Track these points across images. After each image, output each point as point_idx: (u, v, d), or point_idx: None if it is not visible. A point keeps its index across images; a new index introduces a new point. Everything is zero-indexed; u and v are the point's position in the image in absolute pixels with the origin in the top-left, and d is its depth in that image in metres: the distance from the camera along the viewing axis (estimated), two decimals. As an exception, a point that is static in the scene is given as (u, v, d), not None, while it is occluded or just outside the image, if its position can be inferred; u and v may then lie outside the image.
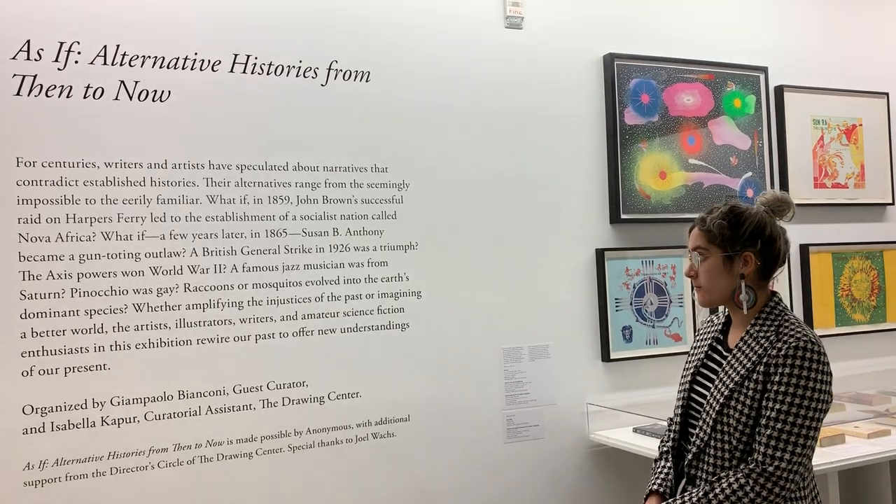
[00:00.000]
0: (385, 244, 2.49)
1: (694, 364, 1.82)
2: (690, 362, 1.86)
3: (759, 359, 1.63)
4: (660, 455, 1.88)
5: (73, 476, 2.08)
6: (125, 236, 2.16)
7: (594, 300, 2.80)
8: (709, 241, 1.73)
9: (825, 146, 3.27)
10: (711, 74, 3.01)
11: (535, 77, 2.74)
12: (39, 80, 2.09)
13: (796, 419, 1.56)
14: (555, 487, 2.70)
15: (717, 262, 1.72)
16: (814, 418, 1.57)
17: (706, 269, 1.74)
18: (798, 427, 1.56)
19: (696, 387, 1.79)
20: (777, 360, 1.60)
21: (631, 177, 2.84)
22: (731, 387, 1.65)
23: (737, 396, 1.63)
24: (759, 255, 1.70)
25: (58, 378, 2.08)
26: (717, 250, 1.72)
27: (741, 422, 1.62)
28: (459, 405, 2.56)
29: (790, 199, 1.75)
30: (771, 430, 1.57)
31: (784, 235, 1.75)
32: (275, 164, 2.35)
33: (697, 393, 1.78)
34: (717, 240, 1.72)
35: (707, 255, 1.73)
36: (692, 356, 1.87)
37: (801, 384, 1.57)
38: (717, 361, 1.76)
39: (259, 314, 2.30)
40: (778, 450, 1.56)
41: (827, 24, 3.34)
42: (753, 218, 1.71)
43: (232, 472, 2.25)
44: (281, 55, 2.37)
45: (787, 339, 1.61)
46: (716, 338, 1.81)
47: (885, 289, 3.35)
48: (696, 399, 1.78)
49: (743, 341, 1.70)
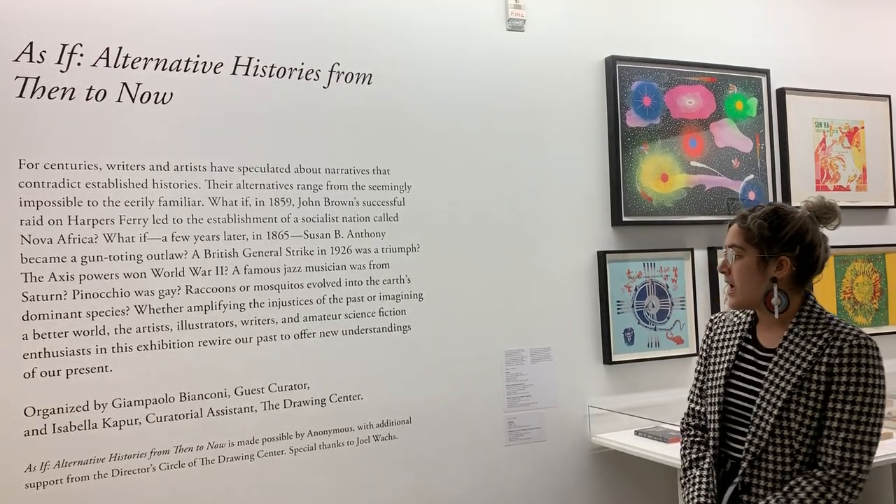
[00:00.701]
0: (387, 246, 2.49)
1: (724, 366, 1.75)
2: (718, 363, 1.78)
3: (816, 358, 1.59)
4: (689, 464, 1.80)
5: (74, 478, 2.08)
6: (127, 238, 2.16)
7: (596, 303, 2.80)
8: (746, 240, 1.68)
9: (827, 149, 3.26)
10: (713, 77, 3.01)
11: (536, 79, 2.74)
12: (42, 82, 2.10)
13: (868, 419, 1.53)
14: (556, 490, 2.70)
15: (752, 262, 1.67)
16: (880, 415, 1.55)
17: (739, 268, 1.69)
18: (870, 427, 1.54)
19: (731, 390, 1.72)
20: (840, 359, 1.56)
21: (632, 179, 2.84)
22: (790, 389, 1.59)
23: (797, 399, 1.58)
24: (796, 260, 1.65)
25: (59, 380, 2.08)
26: (753, 250, 1.67)
27: (804, 424, 1.57)
28: (461, 407, 2.56)
29: (837, 208, 1.69)
30: (845, 434, 1.54)
31: (825, 244, 1.69)
32: (276, 166, 2.35)
33: (734, 396, 1.71)
34: (755, 239, 1.66)
35: (742, 253, 1.68)
36: (718, 357, 1.79)
37: (868, 383, 1.54)
38: (753, 363, 1.71)
39: (260, 316, 2.30)
40: (856, 452, 1.53)
41: (829, 27, 3.33)
42: (796, 222, 1.66)
43: (233, 475, 2.25)
44: (283, 57, 2.38)
45: (846, 338, 1.58)
46: (744, 338, 1.75)
47: (888, 291, 3.35)
48: (734, 403, 1.71)
49: (788, 341, 1.64)
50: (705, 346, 1.87)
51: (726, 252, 1.72)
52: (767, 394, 1.63)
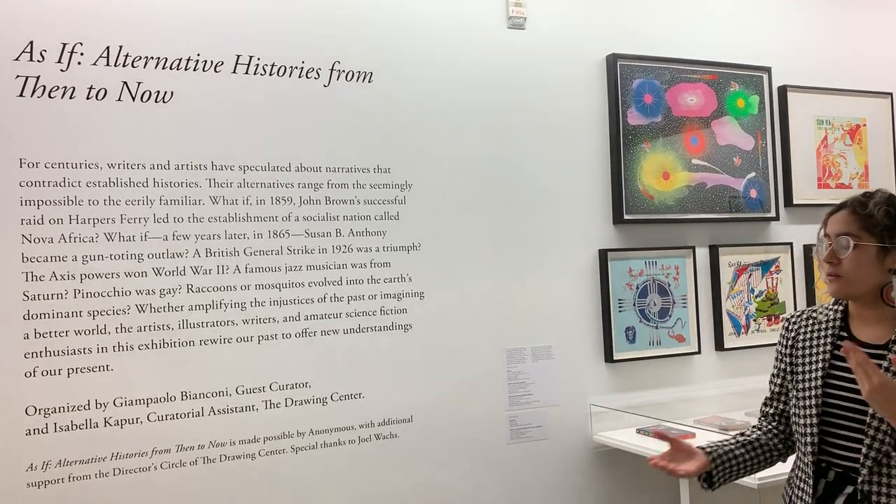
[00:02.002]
0: (388, 245, 2.48)
1: (820, 367, 1.63)
2: (810, 364, 1.66)
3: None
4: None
5: (76, 477, 2.08)
6: (128, 237, 2.16)
7: (597, 301, 2.80)
8: (864, 228, 1.57)
9: (829, 146, 3.26)
10: (715, 75, 3.01)
11: (537, 78, 2.74)
12: (42, 81, 2.10)
13: None
14: (558, 488, 2.70)
15: (871, 251, 1.55)
16: None
17: (854, 257, 1.56)
18: None
19: (829, 391, 1.61)
20: None
21: (634, 177, 2.84)
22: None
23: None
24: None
25: (61, 379, 2.08)
26: (872, 239, 1.56)
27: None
28: (462, 406, 2.56)
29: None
30: None
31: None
32: (277, 165, 2.35)
33: (835, 397, 1.60)
34: (878, 227, 1.56)
35: (859, 241, 1.56)
36: (808, 357, 1.67)
37: None
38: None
39: (262, 315, 2.30)
40: None
41: (831, 24, 3.33)
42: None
43: (235, 473, 2.25)
44: (283, 56, 2.37)
45: None
46: (837, 335, 1.65)
47: (890, 289, 3.34)
48: (836, 405, 1.59)
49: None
50: (785, 348, 1.75)
51: (833, 241, 1.61)
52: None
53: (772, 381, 1.81)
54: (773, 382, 1.80)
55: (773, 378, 1.80)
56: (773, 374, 1.81)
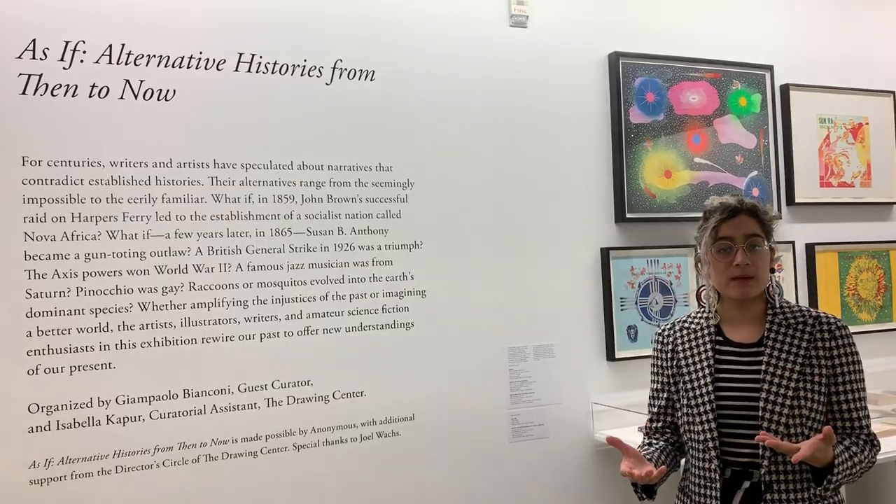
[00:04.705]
0: (390, 243, 2.48)
1: (707, 371, 1.72)
2: (695, 369, 1.74)
3: (810, 344, 1.65)
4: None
5: (78, 474, 2.09)
6: (130, 235, 2.16)
7: (599, 299, 2.80)
8: (763, 231, 1.72)
9: (831, 145, 3.25)
10: (717, 73, 3.00)
11: (539, 76, 2.73)
12: (45, 80, 2.10)
13: (864, 385, 1.69)
14: (559, 486, 2.70)
15: (767, 252, 1.71)
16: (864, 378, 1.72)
17: (760, 257, 1.69)
18: (865, 392, 1.71)
19: (719, 392, 1.70)
20: (833, 342, 1.66)
21: (636, 176, 2.84)
22: (796, 378, 1.63)
23: (804, 387, 1.63)
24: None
25: (63, 377, 2.08)
26: (768, 241, 1.72)
27: (815, 410, 1.64)
28: (464, 404, 2.56)
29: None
30: (856, 403, 1.66)
31: None
32: (279, 164, 2.35)
33: (725, 398, 1.69)
34: (768, 229, 1.73)
35: (760, 243, 1.70)
36: (691, 363, 1.75)
37: (857, 357, 1.68)
38: (736, 361, 1.70)
39: (264, 313, 2.30)
40: (867, 418, 1.67)
41: (833, 23, 3.32)
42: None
43: (237, 471, 2.25)
44: (285, 54, 2.37)
45: (825, 319, 1.68)
46: (714, 340, 1.74)
47: (892, 288, 3.34)
48: (728, 405, 1.69)
49: (775, 332, 1.68)
50: (664, 361, 1.83)
51: (744, 243, 1.68)
52: (773, 387, 1.64)
53: (655, 396, 1.87)
54: (657, 398, 1.87)
55: (655, 394, 1.87)
56: (654, 388, 1.87)
